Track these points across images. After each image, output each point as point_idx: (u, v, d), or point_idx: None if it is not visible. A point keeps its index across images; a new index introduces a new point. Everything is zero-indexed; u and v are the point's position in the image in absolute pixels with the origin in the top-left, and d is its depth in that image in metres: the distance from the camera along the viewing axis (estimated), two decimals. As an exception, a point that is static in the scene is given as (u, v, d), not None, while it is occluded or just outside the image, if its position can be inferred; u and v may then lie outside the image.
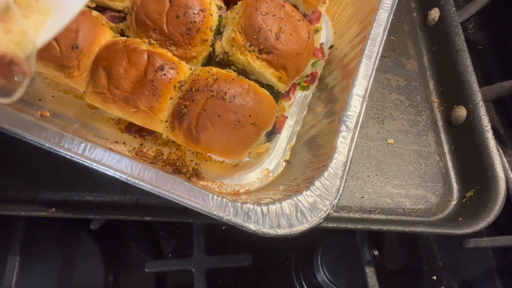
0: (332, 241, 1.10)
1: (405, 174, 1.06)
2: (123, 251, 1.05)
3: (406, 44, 1.28)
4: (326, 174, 0.73)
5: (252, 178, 0.96)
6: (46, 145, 0.70)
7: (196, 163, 0.95)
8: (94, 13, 0.92)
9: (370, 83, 0.83)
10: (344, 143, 0.77)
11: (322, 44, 1.17)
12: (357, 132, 0.78)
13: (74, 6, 0.64)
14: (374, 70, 0.84)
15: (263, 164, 0.99)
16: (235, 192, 0.93)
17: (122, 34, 0.96)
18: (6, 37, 0.55)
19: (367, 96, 0.81)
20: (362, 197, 1.00)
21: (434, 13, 1.29)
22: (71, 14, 0.64)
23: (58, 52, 0.84)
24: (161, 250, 1.10)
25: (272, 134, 1.01)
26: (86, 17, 0.87)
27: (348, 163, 0.74)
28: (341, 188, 0.72)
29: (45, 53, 0.83)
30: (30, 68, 0.58)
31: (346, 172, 0.73)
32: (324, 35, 1.20)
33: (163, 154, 0.95)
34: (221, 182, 0.94)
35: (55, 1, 0.64)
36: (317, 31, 1.13)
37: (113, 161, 0.73)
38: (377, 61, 0.86)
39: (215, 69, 0.88)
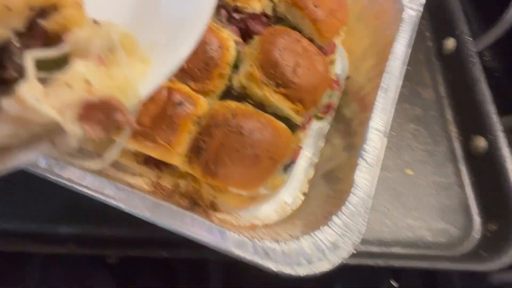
0: (350, 277, 1.07)
1: (425, 206, 1.04)
2: (139, 284, 1.04)
3: (422, 73, 1.28)
4: (346, 211, 0.73)
5: (269, 210, 0.96)
6: (68, 183, 0.71)
7: (213, 196, 0.95)
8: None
9: (391, 118, 0.83)
10: (364, 178, 0.76)
11: (338, 75, 1.17)
12: (378, 168, 0.77)
13: (177, 55, 0.59)
14: (394, 105, 0.84)
15: (280, 196, 0.98)
16: (253, 225, 0.92)
17: (142, 69, 0.98)
18: (110, 81, 0.49)
19: (387, 131, 0.81)
20: (381, 231, 0.98)
21: (450, 43, 1.29)
22: (175, 63, 0.58)
23: (80, 89, 0.86)
24: (177, 284, 1.09)
25: (288, 165, 1.00)
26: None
27: (370, 200, 0.73)
28: (363, 226, 0.71)
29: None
30: (129, 123, 0.51)
31: (368, 210, 0.72)
32: (340, 66, 1.20)
33: (180, 186, 0.96)
34: (238, 215, 0.94)
35: (156, 51, 0.59)
36: (332, 62, 1.14)
37: (130, 197, 0.73)
38: (396, 96, 0.86)
39: (233, 104, 0.89)
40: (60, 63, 0.49)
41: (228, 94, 0.98)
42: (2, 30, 0.46)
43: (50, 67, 0.47)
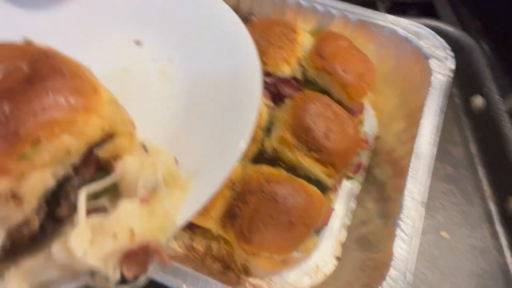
0: None
1: (462, 272, 1.00)
2: None
3: (451, 131, 1.28)
4: (386, 285, 0.71)
5: (302, 275, 0.94)
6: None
7: (245, 259, 0.95)
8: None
9: (427, 187, 0.82)
10: (403, 251, 0.75)
11: (366, 134, 1.19)
12: (418, 240, 0.76)
13: (215, 181, 0.58)
14: (430, 173, 0.84)
15: (312, 259, 0.97)
16: (285, 291, 0.91)
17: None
18: (151, 221, 0.49)
19: (424, 201, 0.80)
20: (419, 298, 0.95)
21: (477, 100, 1.30)
22: (212, 190, 0.57)
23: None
24: None
25: (320, 227, 1.00)
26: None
27: (411, 276, 0.72)
28: (403, 303, 0.69)
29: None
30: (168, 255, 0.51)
31: (409, 285, 0.71)
32: (368, 125, 1.22)
33: (212, 248, 0.96)
34: (269, 279, 0.93)
35: (197, 177, 0.59)
36: (361, 122, 1.16)
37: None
38: (432, 163, 0.86)
39: (265, 169, 0.91)
40: (109, 189, 0.50)
41: (260, 157, 1.00)
42: (61, 169, 0.47)
43: (100, 194, 0.49)
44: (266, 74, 1.10)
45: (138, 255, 0.48)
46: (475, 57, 1.37)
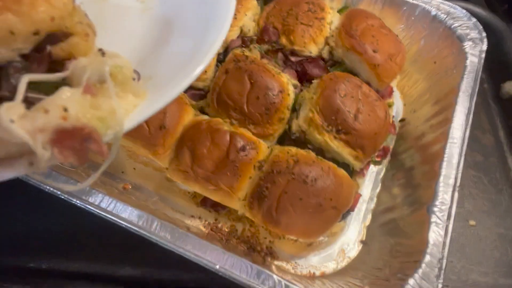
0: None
1: (491, 260, 0.98)
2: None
3: (480, 117, 1.24)
4: (420, 271, 0.69)
5: (327, 259, 0.93)
6: (141, 232, 0.72)
7: (269, 241, 0.94)
8: (179, 92, 0.97)
9: (460, 171, 0.79)
10: (437, 235, 0.73)
11: (393, 117, 1.15)
12: (451, 225, 0.74)
13: (170, 92, 0.60)
14: (463, 156, 0.81)
15: (337, 244, 0.95)
16: (311, 274, 0.90)
17: (201, 111, 1.00)
18: (92, 111, 0.50)
19: (457, 186, 0.78)
20: (446, 286, 0.93)
21: (508, 86, 1.25)
22: (165, 101, 0.59)
23: (147, 132, 0.88)
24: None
25: (347, 212, 0.98)
26: (173, 97, 0.92)
27: (444, 260, 0.70)
28: (439, 288, 0.67)
29: (135, 132, 0.88)
30: (111, 151, 0.52)
31: (443, 271, 0.69)
32: (394, 108, 1.18)
33: (237, 230, 0.95)
34: (295, 262, 0.92)
35: (153, 86, 0.61)
36: (389, 106, 1.13)
37: (201, 248, 0.73)
38: (464, 147, 0.83)
39: (294, 150, 0.89)
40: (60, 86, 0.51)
41: (286, 137, 0.98)
42: (5, 51, 0.48)
43: (51, 91, 0.49)
44: (292, 53, 1.07)
45: (74, 140, 0.48)
46: (506, 40, 1.31)
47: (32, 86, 0.48)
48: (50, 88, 0.50)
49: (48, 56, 0.52)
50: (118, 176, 0.98)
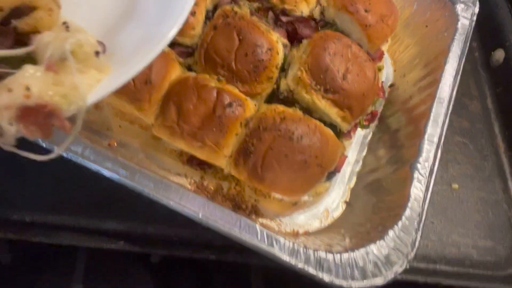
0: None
1: (471, 223, 1.00)
2: (175, 284, 1.04)
3: (469, 85, 1.24)
4: (400, 224, 0.70)
5: (311, 218, 0.94)
6: (124, 180, 0.72)
7: (255, 199, 0.94)
8: (165, 48, 0.95)
9: (445, 130, 0.80)
10: (418, 190, 0.74)
11: (382, 82, 1.15)
12: (432, 180, 0.74)
13: (135, 66, 0.61)
14: (448, 116, 0.81)
15: (322, 204, 0.96)
16: (294, 232, 0.91)
17: (189, 69, 0.98)
18: (54, 88, 0.53)
19: (441, 143, 0.78)
20: (426, 245, 0.95)
21: (498, 54, 1.25)
22: (130, 75, 0.60)
23: (132, 87, 0.87)
24: (212, 285, 1.08)
25: (332, 173, 0.98)
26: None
27: (424, 213, 0.71)
28: (417, 240, 0.68)
29: (120, 87, 0.86)
30: (76, 126, 0.54)
31: (422, 224, 0.70)
32: (384, 73, 1.18)
33: (223, 188, 0.95)
34: (279, 220, 0.93)
35: (116, 59, 0.61)
36: (379, 69, 1.12)
37: (182, 196, 0.73)
38: (450, 107, 0.83)
39: (281, 107, 0.88)
40: (27, 62, 0.53)
41: (274, 97, 0.97)
42: None
43: (19, 65, 0.52)
44: (283, 12, 1.05)
45: (38, 117, 0.50)
46: (499, 7, 1.30)
47: (5, 61, 0.51)
48: (18, 62, 0.52)
49: (13, 31, 0.54)
50: (104, 133, 0.97)
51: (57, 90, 0.52)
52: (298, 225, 0.92)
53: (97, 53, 0.58)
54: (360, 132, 1.08)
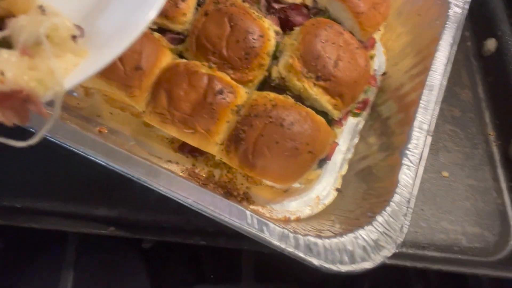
0: (379, 276, 1.05)
1: (460, 210, 1.01)
2: (167, 270, 1.04)
3: (460, 74, 1.24)
4: (389, 209, 0.71)
5: (302, 205, 0.95)
6: (115, 166, 0.71)
7: (246, 187, 0.95)
8: (156, 34, 0.94)
9: (435, 117, 0.80)
10: (407, 177, 0.74)
11: (374, 71, 1.15)
12: (421, 167, 0.75)
13: (114, 50, 0.59)
14: (438, 103, 0.82)
15: (313, 191, 0.97)
16: (286, 218, 0.92)
17: (180, 56, 0.97)
18: (29, 73, 0.52)
19: (431, 130, 0.79)
20: (416, 232, 0.96)
21: (490, 44, 1.25)
22: (109, 59, 0.58)
23: (122, 73, 0.86)
24: (203, 271, 1.09)
25: (323, 160, 0.99)
26: (149, 38, 0.90)
27: (413, 199, 0.71)
28: (406, 226, 0.69)
29: (110, 73, 0.85)
30: (54, 111, 0.53)
31: (410, 209, 0.71)
32: (376, 62, 1.18)
33: (214, 176, 0.95)
34: (271, 207, 0.93)
35: (94, 44, 0.60)
36: (371, 58, 1.12)
37: (173, 182, 0.73)
38: (441, 94, 0.83)
39: (272, 95, 0.88)
40: (3, 46, 0.52)
41: (265, 85, 0.97)
42: None
43: None
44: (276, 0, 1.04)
45: (14, 102, 0.50)
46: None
47: None
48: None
49: None
50: (94, 120, 0.96)
51: (33, 75, 0.52)
52: (290, 212, 0.92)
53: (73, 37, 0.57)
54: (351, 120, 1.08)
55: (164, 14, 0.94)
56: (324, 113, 0.94)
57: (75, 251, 0.94)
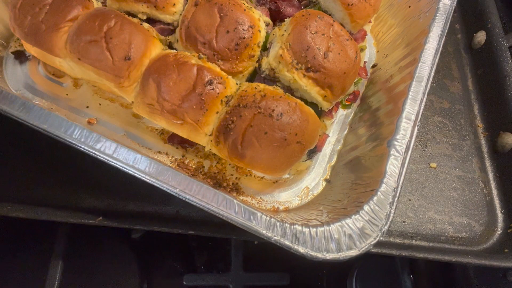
0: (367, 264, 1.07)
1: (448, 200, 1.03)
2: (158, 260, 1.05)
3: (450, 66, 1.25)
4: (375, 198, 0.72)
5: (291, 195, 0.95)
6: (101, 155, 0.71)
7: (236, 178, 0.95)
8: (146, 25, 0.94)
9: (422, 108, 0.81)
10: (394, 167, 0.75)
11: (365, 63, 1.15)
12: (408, 157, 0.76)
13: None
14: (426, 94, 0.82)
15: (303, 182, 0.98)
16: (275, 209, 0.92)
17: (170, 46, 0.97)
18: None
19: (418, 121, 0.79)
20: (404, 222, 0.97)
21: (480, 36, 1.26)
22: None
23: (110, 63, 0.85)
24: (193, 261, 1.10)
25: (313, 152, 0.99)
26: (139, 29, 0.89)
27: (399, 188, 0.72)
28: (391, 214, 0.70)
29: (98, 63, 0.85)
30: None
31: (396, 198, 0.72)
32: (367, 54, 1.18)
33: (204, 166, 0.95)
34: (260, 198, 0.94)
35: None
36: (361, 50, 1.12)
37: (160, 172, 0.73)
38: (428, 85, 0.84)
39: (262, 86, 0.88)
40: None
41: (255, 76, 0.97)
42: None
43: None
44: (266, -9, 1.04)
45: None
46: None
47: None
48: None
49: None
50: (83, 111, 0.96)
51: None
52: (279, 203, 0.93)
53: None
54: (342, 112, 1.09)
55: (154, 4, 0.94)
56: (314, 105, 0.95)
57: (63, 241, 0.94)
